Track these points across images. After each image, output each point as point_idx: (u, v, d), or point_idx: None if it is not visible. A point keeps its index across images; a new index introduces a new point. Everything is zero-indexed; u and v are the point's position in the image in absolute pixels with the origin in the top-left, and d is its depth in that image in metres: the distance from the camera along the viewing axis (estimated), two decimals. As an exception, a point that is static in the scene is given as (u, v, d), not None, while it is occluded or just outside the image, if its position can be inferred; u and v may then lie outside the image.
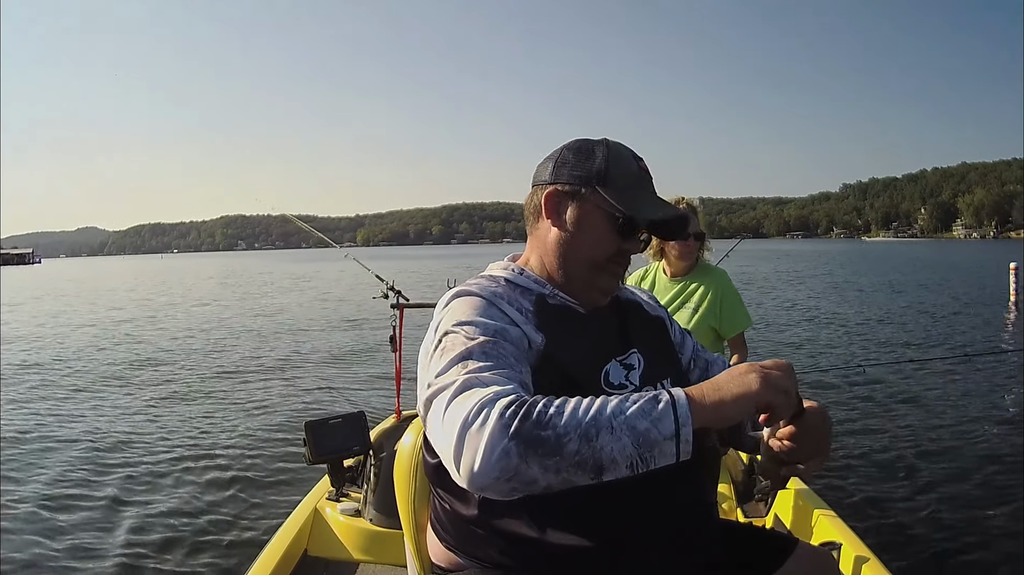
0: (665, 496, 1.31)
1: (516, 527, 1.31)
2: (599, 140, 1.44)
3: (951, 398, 7.91)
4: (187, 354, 11.74)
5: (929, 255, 63.11)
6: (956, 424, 6.83)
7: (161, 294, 29.99)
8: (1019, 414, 7.11)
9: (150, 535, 4.32)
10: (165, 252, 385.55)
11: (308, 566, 2.81)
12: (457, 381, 1.12)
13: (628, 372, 1.40)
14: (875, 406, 7.66)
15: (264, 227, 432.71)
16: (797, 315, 16.57)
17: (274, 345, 12.57)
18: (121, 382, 9.38)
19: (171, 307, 22.33)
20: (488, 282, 1.41)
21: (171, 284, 38.91)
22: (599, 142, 1.43)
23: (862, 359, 10.04)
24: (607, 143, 1.43)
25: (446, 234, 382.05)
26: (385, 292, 4.00)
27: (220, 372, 9.94)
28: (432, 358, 1.23)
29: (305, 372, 9.82)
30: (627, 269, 1.46)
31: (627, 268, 1.45)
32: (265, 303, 22.80)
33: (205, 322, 17.10)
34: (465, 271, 22.97)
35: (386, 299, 3.99)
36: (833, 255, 60.88)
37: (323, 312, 18.04)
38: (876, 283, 27.77)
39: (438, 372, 1.17)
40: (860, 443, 6.23)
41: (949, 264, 43.73)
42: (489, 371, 1.15)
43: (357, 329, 14.60)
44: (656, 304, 1.63)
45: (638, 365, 1.42)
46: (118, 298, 28.42)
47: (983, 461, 5.66)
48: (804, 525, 2.88)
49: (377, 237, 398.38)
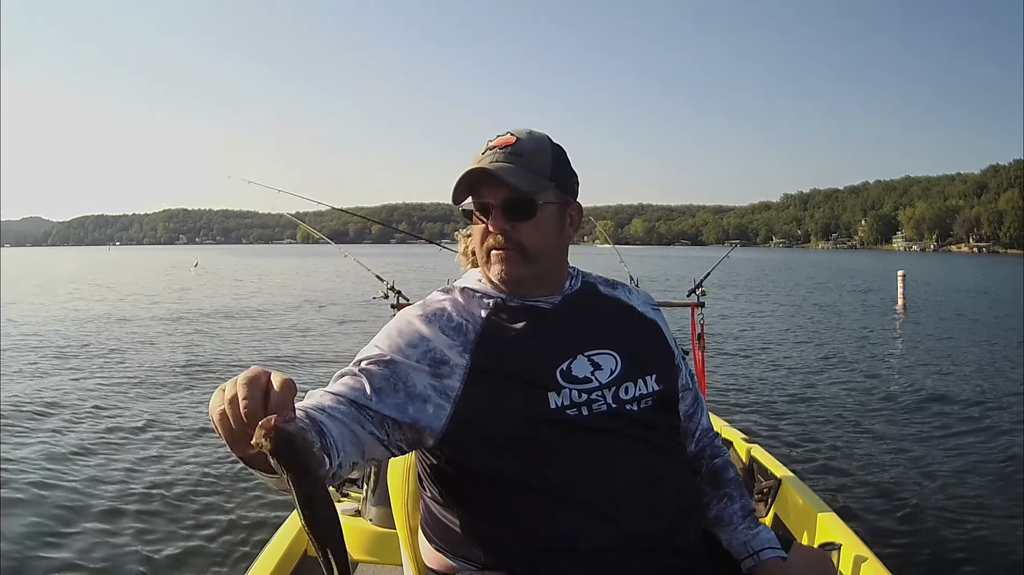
0: (650, 498, 1.34)
1: (501, 530, 1.33)
2: None
3: (951, 398, 8.20)
4: (186, 355, 11.47)
5: (832, 262, 65.95)
6: (956, 424, 7.09)
7: (157, 291, 28.92)
8: (1019, 414, 7.34)
9: (149, 535, 4.28)
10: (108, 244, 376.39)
11: (308, 566, 2.78)
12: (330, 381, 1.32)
13: (595, 370, 1.40)
14: (874, 406, 7.95)
15: (205, 221, 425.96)
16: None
17: (273, 344, 12.42)
18: (119, 381, 9.15)
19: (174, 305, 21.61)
20: (443, 295, 1.49)
21: (154, 280, 37.78)
22: None
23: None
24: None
25: (385, 233, 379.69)
26: (385, 292, 3.99)
27: (220, 372, 9.75)
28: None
29: (305, 372, 9.74)
30: (515, 248, 1.40)
31: (508, 248, 1.40)
32: (260, 300, 22.35)
33: (198, 319, 16.75)
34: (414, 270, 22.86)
35: (386, 299, 3.98)
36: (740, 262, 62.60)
37: (323, 312, 17.76)
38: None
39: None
40: (859, 444, 6.43)
41: (850, 271, 47.86)
42: (344, 384, 1.30)
43: (357, 329, 14.46)
44: (653, 308, 1.62)
45: (612, 366, 1.42)
46: (111, 291, 27.84)
47: (983, 461, 5.88)
48: (804, 525, 2.94)
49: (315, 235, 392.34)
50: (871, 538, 3.21)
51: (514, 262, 1.41)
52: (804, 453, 6.13)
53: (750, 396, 8.56)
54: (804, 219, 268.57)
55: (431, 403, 1.32)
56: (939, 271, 51.71)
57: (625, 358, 1.43)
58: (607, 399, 1.38)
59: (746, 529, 1.51)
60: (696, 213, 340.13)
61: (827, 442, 6.48)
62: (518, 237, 1.39)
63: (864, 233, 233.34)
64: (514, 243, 1.39)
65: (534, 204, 1.40)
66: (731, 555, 1.51)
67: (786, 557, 1.47)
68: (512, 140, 1.41)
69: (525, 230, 1.40)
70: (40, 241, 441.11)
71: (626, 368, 1.42)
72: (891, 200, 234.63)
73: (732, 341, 13.02)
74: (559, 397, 1.35)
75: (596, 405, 1.36)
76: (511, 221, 1.39)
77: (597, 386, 1.38)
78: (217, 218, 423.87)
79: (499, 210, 1.39)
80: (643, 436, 1.39)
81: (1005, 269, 58.01)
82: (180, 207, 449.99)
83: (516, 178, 1.37)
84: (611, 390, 1.39)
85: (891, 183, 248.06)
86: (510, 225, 1.39)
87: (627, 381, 1.41)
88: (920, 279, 35.77)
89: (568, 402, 1.35)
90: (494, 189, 1.38)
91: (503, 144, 1.41)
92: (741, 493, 1.56)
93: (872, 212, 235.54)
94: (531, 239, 1.40)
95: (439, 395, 1.33)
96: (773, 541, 1.50)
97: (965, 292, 28.93)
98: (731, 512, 1.53)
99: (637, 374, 1.43)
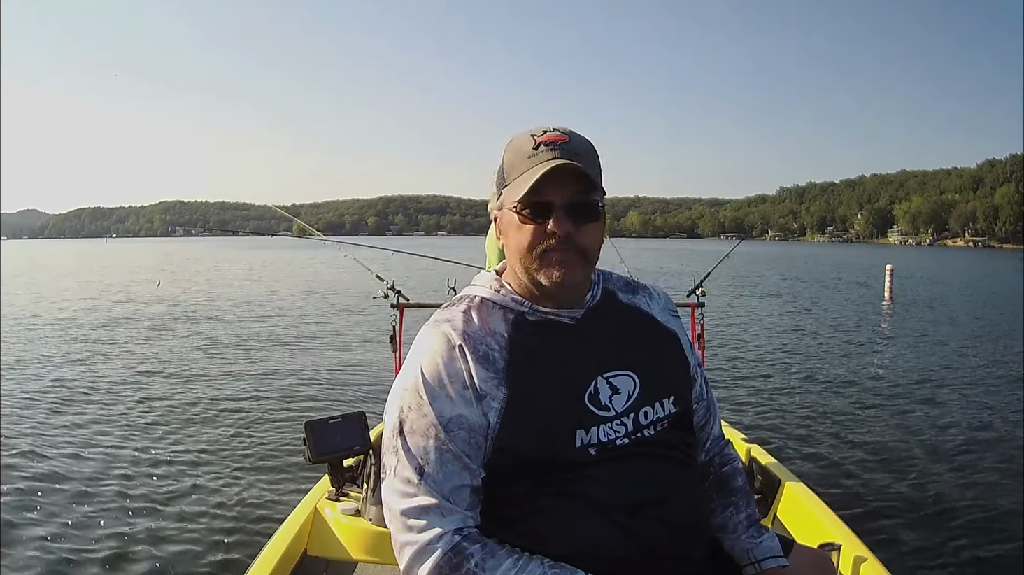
0: (664, 513, 1.34)
1: (511, 537, 1.32)
2: (517, 136, 1.41)
3: (950, 400, 8.26)
4: (184, 353, 11.41)
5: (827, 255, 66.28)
6: (957, 424, 7.12)
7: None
8: (1019, 415, 7.38)
9: (149, 535, 4.27)
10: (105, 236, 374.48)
11: (308, 566, 2.79)
12: (404, 505, 1.29)
13: (613, 394, 1.36)
14: (873, 407, 7.95)
15: (202, 213, 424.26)
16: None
17: (273, 344, 12.33)
18: (117, 381, 9.08)
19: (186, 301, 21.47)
20: (458, 312, 1.41)
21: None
22: (512, 138, 1.42)
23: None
24: (513, 137, 1.41)
25: (381, 226, 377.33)
26: (385, 292, 3.98)
27: (219, 371, 9.73)
28: (394, 434, 1.34)
29: (305, 371, 9.69)
30: (576, 251, 1.33)
31: (569, 250, 1.33)
32: (258, 298, 22.25)
33: (199, 319, 16.62)
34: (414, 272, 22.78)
35: (386, 299, 3.97)
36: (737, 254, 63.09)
37: (322, 310, 17.70)
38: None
39: (393, 468, 1.32)
40: (860, 444, 6.43)
41: (840, 263, 49.06)
42: (434, 495, 1.28)
43: (357, 328, 14.39)
44: (672, 314, 1.57)
45: (630, 389, 1.38)
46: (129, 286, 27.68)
47: (983, 461, 5.90)
48: (804, 525, 2.95)
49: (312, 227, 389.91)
50: (871, 538, 3.22)
51: (575, 266, 1.34)
52: (804, 453, 6.14)
53: (750, 396, 8.56)
54: (800, 212, 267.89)
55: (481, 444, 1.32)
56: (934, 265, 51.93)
57: (643, 380, 1.40)
58: (627, 426, 1.35)
59: (750, 538, 1.51)
60: (692, 206, 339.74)
61: (827, 442, 6.50)
62: (580, 240, 1.33)
63: (860, 227, 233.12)
64: (575, 246, 1.33)
65: (598, 206, 1.36)
66: (732, 559, 1.52)
67: (787, 565, 1.48)
68: (566, 138, 1.34)
69: (587, 233, 1.34)
70: (37, 234, 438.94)
71: (644, 391, 1.39)
72: (887, 194, 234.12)
73: (731, 340, 13.04)
74: (587, 435, 1.32)
75: (619, 440, 1.34)
76: (576, 223, 1.32)
77: (614, 415, 1.35)
78: (213, 210, 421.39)
79: (563, 211, 1.31)
80: (659, 455, 1.38)
81: (1001, 263, 58.17)
82: (176, 199, 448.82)
83: (595, 177, 1.34)
84: (629, 416, 1.36)
85: (887, 177, 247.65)
86: (574, 227, 1.32)
87: (645, 405, 1.38)
88: (914, 274, 35.90)
89: (595, 440, 1.32)
90: (560, 188, 1.30)
91: (558, 140, 1.33)
92: (748, 502, 1.56)
93: (868, 206, 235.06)
94: (591, 242, 1.36)
95: (481, 435, 1.31)
96: (776, 550, 1.49)
97: (958, 287, 29.11)
98: (736, 521, 1.53)
99: (654, 397, 1.40)
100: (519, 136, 1.38)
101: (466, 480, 1.29)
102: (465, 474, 1.29)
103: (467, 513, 1.29)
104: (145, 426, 6.68)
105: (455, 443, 1.29)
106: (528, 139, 1.35)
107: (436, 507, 1.27)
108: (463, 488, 1.29)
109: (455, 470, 1.29)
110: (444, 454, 1.29)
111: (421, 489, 1.28)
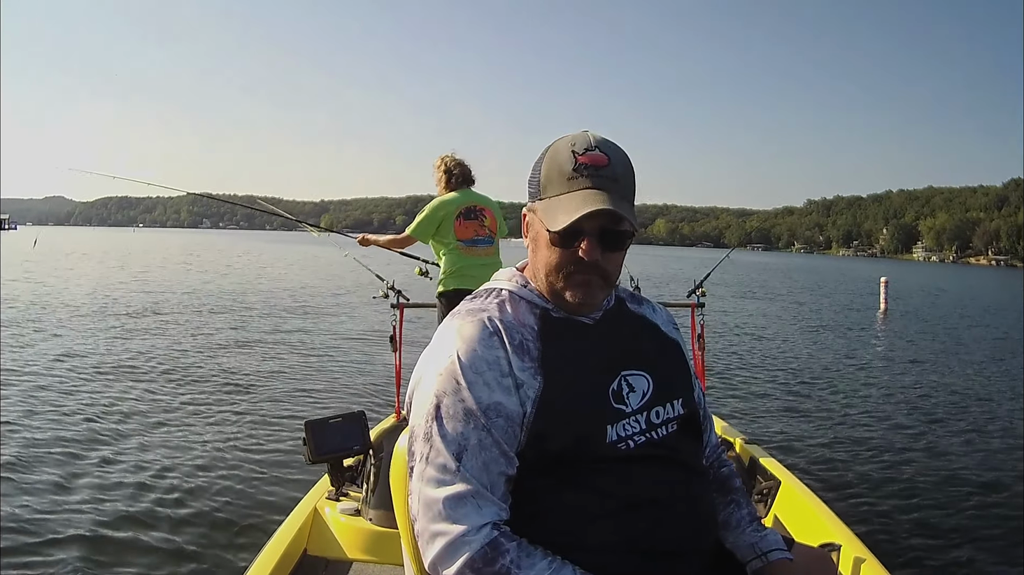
0: (677, 516, 1.34)
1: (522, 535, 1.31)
2: (560, 139, 1.39)
3: (950, 401, 8.22)
4: (183, 352, 11.18)
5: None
6: (957, 425, 7.15)
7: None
8: (1019, 415, 7.32)
9: (148, 535, 4.25)
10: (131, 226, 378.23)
11: (307, 566, 2.79)
12: (438, 494, 1.25)
13: (629, 391, 1.38)
14: (873, 408, 7.95)
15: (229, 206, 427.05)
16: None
17: (273, 344, 12.33)
18: (115, 378, 8.93)
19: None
20: (493, 302, 1.42)
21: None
22: (553, 143, 1.39)
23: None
24: (555, 143, 1.38)
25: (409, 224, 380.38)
26: (385, 292, 3.98)
27: (218, 371, 9.64)
28: (428, 419, 1.30)
29: (305, 371, 9.67)
30: (600, 275, 1.35)
31: (596, 274, 1.34)
32: (261, 298, 22.38)
33: (201, 318, 16.62)
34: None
35: (386, 299, 3.97)
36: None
37: (321, 310, 17.79)
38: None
39: (425, 455, 1.28)
40: (860, 444, 6.43)
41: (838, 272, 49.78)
42: (472, 483, 1.25)
43: (357, 328, 14.40)
44: (674, 327, 1.59)
45: (644, 388, 1.39)
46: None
47: (983, 461, 5.90)
48: (804, 525, 2.94)
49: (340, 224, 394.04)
50: (871, 538, 3.20)
51: (598, 290, 1.36)
52: (804, 453, 6.13)
53: (750, 397, 8.55)
54: (826, 225, 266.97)
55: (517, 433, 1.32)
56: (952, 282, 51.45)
57: (656, 380, 1.41)
58: (641, 424, 1.37)
59: (753, 531, 1.52)
60: (720, 215, 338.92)
61: (827, 443, 6.49)
62: (605, 266, 1.34)
63: (885, 242, 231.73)
64: (600, 271, 1.34)
65: (627, 235, 1.36)
66: (735, 556, 1.52)
67: (793, 559, 1.47)
68: (606, 161, 1.32)
69: (613, 259, 1.36)
70: (63, 221, 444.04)
71: (656, 391, 1.40)
72: (913, 210, 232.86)
73: (732, 341, 13.02)
74: (613, 430, 1.33)
75: (637, 438, 1.35)
76: (604, 251, 1.33)
77: (631, 411, 1.36)
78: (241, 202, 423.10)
79: (595, 238, 1.32)
80: (671, 457, 1.38)
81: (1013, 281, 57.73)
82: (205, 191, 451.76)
83: (628, 215, 1.31)
84: (643, 414, 1.37)
85: (914, 192, 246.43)
86: (601, 255, 1.33)
87: (657, 405, 1.39)
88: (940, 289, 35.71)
89: (618, 436, 1.33)
90: (592, 218, 1.29)
91: (598, 163, 1.32)
92: (747, 500, 1.58)
93: (894, 221, 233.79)
94: (615, 267, 1.37)
95: (518, 424, 1.30)
96: (780, 543, 1.50)
97: (956, 297, 29.60)
98: (739, 517, 1.54)
99: (666, 398, 1.41)
100: (560, 145, 1.36)
101: (503, 468, 1.27)
102: (503, 462, 1.27)
103: (502, 504, 1.27)
104: (145, 425, 6.63)
105: (495, 430, 1.27)
106: (568, 155, 1.33)
107: (472, 497, 1.24)
108: (500, 477, 1.27)
109: (494, 457, 1.27)
110: (484, 441, 1.26)
111: (458, 477, 1.25)
